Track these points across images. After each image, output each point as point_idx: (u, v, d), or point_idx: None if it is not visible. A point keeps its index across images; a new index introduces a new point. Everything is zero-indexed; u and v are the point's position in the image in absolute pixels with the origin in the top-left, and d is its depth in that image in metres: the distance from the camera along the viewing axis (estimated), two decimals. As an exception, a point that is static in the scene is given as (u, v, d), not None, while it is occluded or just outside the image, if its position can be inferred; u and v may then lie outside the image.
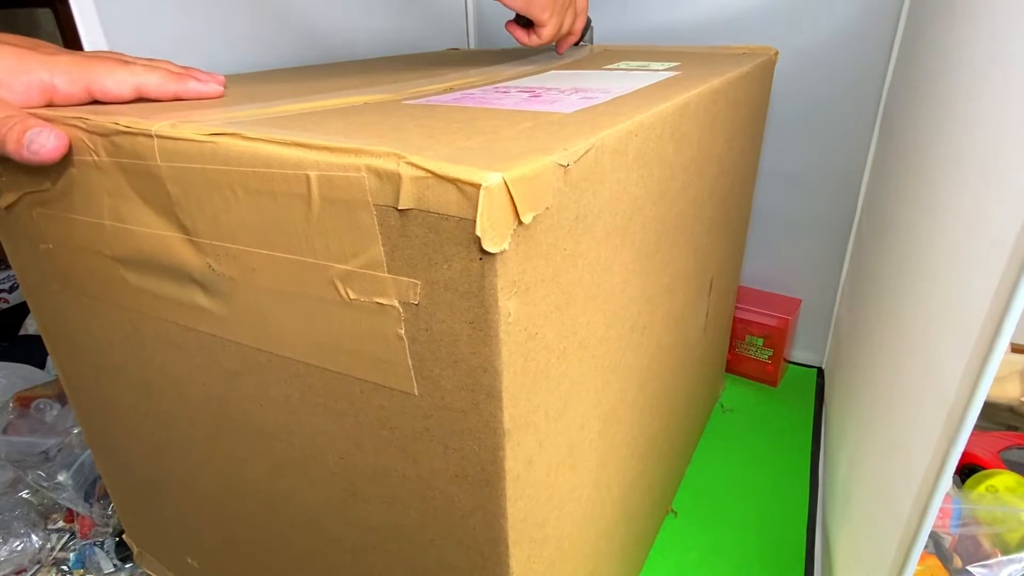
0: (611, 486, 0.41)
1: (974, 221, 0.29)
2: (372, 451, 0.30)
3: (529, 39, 0.49)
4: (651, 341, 0.42)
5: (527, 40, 0.49)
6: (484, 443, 0.26)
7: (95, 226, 0.33)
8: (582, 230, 0.27)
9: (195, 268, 0.31)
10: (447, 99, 0.36)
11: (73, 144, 0.31)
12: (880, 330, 0.48)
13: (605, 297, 0.32)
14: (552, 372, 0.28)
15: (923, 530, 0.30)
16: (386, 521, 0.32)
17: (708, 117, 0.42)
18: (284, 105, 0.33)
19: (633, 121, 0.30)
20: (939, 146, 0.39)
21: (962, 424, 0.26)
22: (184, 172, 0.28)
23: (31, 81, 0.32)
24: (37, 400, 0.65)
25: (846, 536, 0.48)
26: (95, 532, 0.60)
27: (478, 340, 0.23)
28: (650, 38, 0.76)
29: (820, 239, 0.78)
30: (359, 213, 0.23)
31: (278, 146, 0.24)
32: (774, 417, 0.75)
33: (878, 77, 0.67)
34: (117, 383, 0.41)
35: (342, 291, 0.26)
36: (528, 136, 0.26)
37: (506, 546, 0.28)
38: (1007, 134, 0.27)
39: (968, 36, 0.38)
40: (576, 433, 0.32)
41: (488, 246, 0.21)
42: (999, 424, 0.60)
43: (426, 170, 0.21)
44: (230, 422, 0.36)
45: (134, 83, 0.34)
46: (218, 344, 0.33)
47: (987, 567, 0.44)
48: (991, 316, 0.24)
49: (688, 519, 0.61)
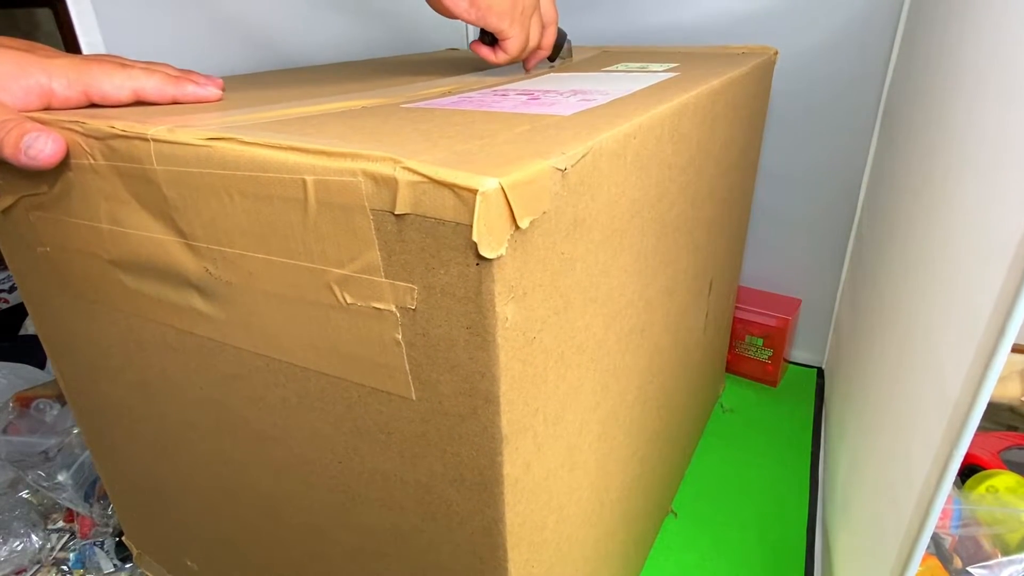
0: (610, 488, 0.41)
1: (976, 220, 0.29)
2: (370, 455, 0.30)
3: (496, 57, 0.44)
4: (650, 343, 0.42)
5: (494, 58, 0.44)
6: (482, 448, 0.26)
7: (92, 229, 0.33)
8: (580, 234, 0.27)
9: (192, 272, 0.30)
10: (445, 102, 0.35)
11: (70, 147, 0.31)
12: (881, 330, 0.48)
13: (603, 300, 0.32)
14: (550, 376, 0.28)
15: (925, 532, 0.30)
16: (384, 525, 0.32)
17: (707, 118, 0.42)
18: (282, 109, 0.33)
19: (631, 123, 0.30)
20: (940, 146, 0.39)
21: (965, 426, 0.26)
22: (181, 176, 0.28)
23: (29, 85, 0.31)
24: (37, 400, 0.65)
25: (846, 537, 0.47)
26: (95, 532, 0.60)
27: (475, 345, 0.23)
28: (650, 38, 0.76)
29: (820, 239, 0.77)
30: (356, 218, 0.23)
31: (275, 150, 0.24)
32: (774, 417, 0.75)
33: (878, 77, 0.66)
34: (115, 386, 0.41)
35: (339, 295, 0.26)
36: (526, 140, 0.26)
37: (504, 550, 0.28)
38: (1009, 133, 0.27)
39: (969, 36, 0.37)
40: (575, 436, 0.32)
41: (485, 251, 0.21)
42: (999, 424, 0.60)
43: (422, 175, 0.21)
44: (228, 425, 0.36)
45: (132, 87, 0.34)
46: (215, 347, 0.33)
47: (987, 568, 0.44)
48: (994, 317, 0.24)
49: (688, 519, 0.61)
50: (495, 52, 0.44)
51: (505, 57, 0.44)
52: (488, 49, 0.44)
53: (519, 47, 0.43)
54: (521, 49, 0.43)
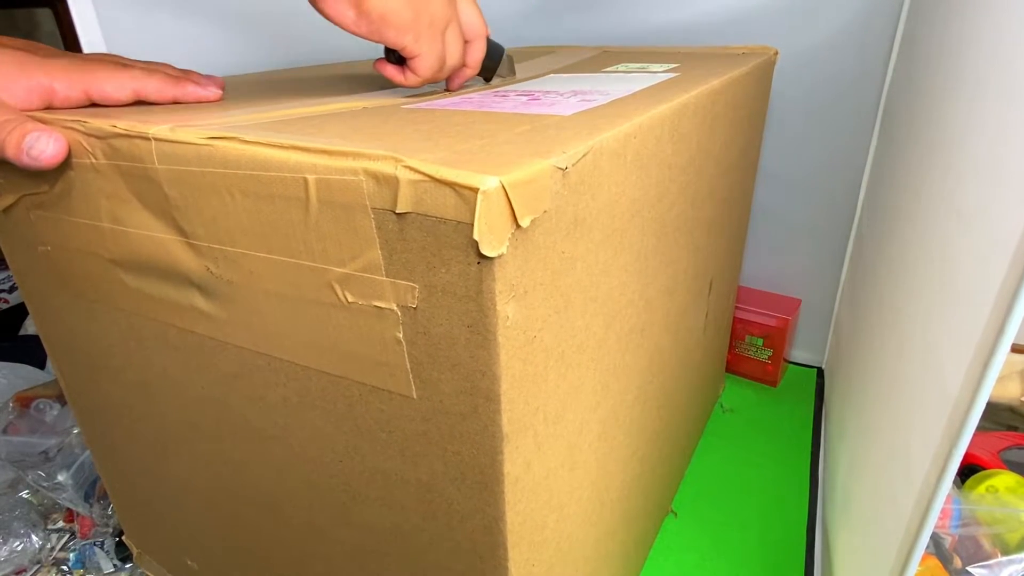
0: (611, 487, 0.41)
1: (976, 220, 0.29)
2: (371, 454, 0.30)
3: (405, 78, 0.37)
4: (650, 342, 0.42)
5: (402, 79, 0.37)
6: (483, 447, 0.26)
7: (93, 229, 0.33)
8: (580, 233, 0.27)
9: (193, 271, 0.30)
10: (446, 103, 0.36)
11: (71, 147, 0.31)
12: (881, 330, 0.48)
13: (604, 299, 0.32)
14: (551, 375, 0.28)
15: (924, 531, 0.30)
16: (385, 523, 0.32)
17: (707, 118, 0.42)
18: (283, 109, 0.33)
19: (632, 123, 0.30)
20: (940, 146, 0.39)
21: (964, 425, 0.26)
22: (182, 175, 0.28)
23: (30, 85, 0.31)
24: (37, 400, 0.65)
25: (846, 537, 0.47)
26: (95, 532, 0.60)
27: (476, 344, 0.23)
28: (650, 38, 0.76)
29: (820, 239, 0.77)
30: (357, 216, 0.23)
31: (276, 149, 0.24)
32: (774, 417, 0.75)
33: (878, 77, 0.66)
34: (116, 385, 0.41)
35: (340, 294, 0.26)
36: (526, 139, 0.26)
37: (505, 549, 0.28)
38: (1009, 132, 0.27)
39: (969, 36, 0.38)
40: (575, 435, 0.32)
41: (486, 250, 0.21)
42: (999, 424, 0.60)
43: (424, 174, 0.21)
44: (229, 424, 0.36)
45: (133, 86, 0.34)
46: (216, 346, 0.33)
47: (987, 567, 0.44)
48: (994, 316, 0.24)
49: (688, 519, 0.61)
50: (404, 73, 0.37)
51: (416, 79, 0.37)
52: (395, 69, 0.37)
53: (431, 66, 0.36)
54: (435, 68, 0.36)
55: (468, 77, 0.41)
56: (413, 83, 0.37)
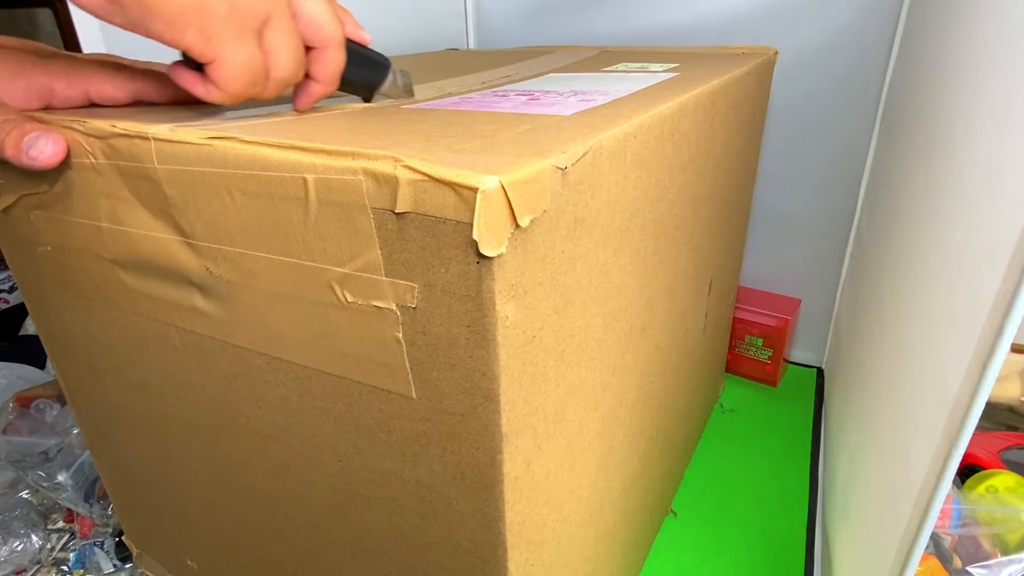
0: (610, 487, 0.41)
1: (976, 220, 0.29)
2: (370, 454, 0.30)
3: (206, 90, 0.29)
4: (650, 342, 0.42)
5: (203, 91, 0.29)
6: (482, 446, 0.26)
7: (93, 228, 0.33)
8: (580, 232, 0.27)
9: (193, 271, 0.30)
10: (445, 103, 0.36)
11: (71, 146, 0.31)
12: (880, 330, 0.48)
13: (603, 299, 0.32)
14: (550, 375, 0.28)
15: (924, 531, 0.30)
16: (384, 523, 0.32)
17: (707, 118, 0.42)
18: (282, 109, 0.33)
19: (631, 123, 0.30)
20: (940, 145, 0.39)
21: (964, 425, 0.26)
22: (181, 175, 0.28)
23: (30, 84, 0.31)
24: (37, 400, 0.65)
25: (846, 536, 0.47)
26: (95, 532, 0.60)
27: (476, 344, 0.23)
28: (650, 38, 0.76)
29: (820, 239, 0.77)
30: (356, 216, 0.23)
31: (275, 149, 0.24)
32: (774, 417, 0.75)
33: (878, 77, 0.66)
34: (116, 385, 0.41)
35: (340, 294, 0.26)
36: (526, 139, 0.26)
37: (504, 549, 0.28)
38: (1009, 132, 0.27)
39: (969, 36, 0.38)
40: (575, 435, 0.32)
41: (485, 250, 0.21)
42: (999, 424, 0.60)
43: (423, 173, 0.21)
44: (229, 424, 0.36)
45: (132, 86, 0.34)
46: (216, 346, 0.33)
47: (987, 567, 0.44)
48: (993, 316, 0.24)
49: (688, 519, 0.61)
50: (204, 83, 0.28)
51: (218, 93, 0.28)
52: (193, 76, 0.29)
53: (235, 76, 0.28)
54: (244, 80, 0.28)
55: (320, 95, 0.32)
56: (216, 98, 0.29)
